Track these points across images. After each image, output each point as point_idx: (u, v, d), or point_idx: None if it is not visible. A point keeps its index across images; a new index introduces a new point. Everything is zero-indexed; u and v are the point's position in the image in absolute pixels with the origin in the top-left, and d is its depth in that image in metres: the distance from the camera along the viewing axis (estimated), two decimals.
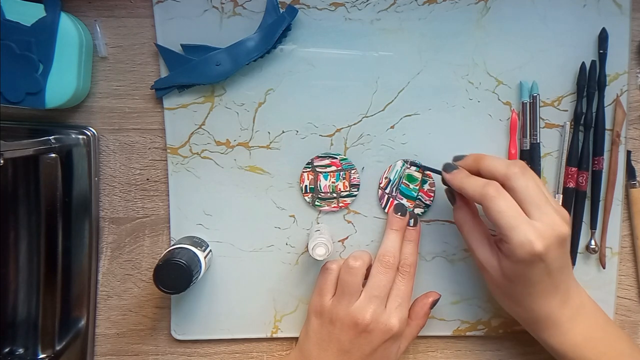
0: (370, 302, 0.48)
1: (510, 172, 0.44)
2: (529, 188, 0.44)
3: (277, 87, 0.52)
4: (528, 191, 0.44)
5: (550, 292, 0.45)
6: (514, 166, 0.45)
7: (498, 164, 0.45)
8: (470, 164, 0.48)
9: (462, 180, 0.47)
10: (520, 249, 0.43)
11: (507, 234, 0.43)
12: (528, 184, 0.44)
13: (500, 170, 0.45)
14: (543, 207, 0.43)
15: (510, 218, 0.43)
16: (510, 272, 0.45)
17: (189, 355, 0.56)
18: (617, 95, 0.53)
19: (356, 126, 0.53)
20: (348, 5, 0.52)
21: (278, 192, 0.53)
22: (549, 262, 0.43)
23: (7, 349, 0.51)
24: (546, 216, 0.43)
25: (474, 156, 0.48)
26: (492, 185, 0.44)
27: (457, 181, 0.47)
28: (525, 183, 0.44)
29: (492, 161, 0.46)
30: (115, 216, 0.54)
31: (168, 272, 0.46)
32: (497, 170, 0.45)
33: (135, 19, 0.52)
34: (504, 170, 0.45)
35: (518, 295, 0.47)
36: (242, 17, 0.51)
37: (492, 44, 0.52)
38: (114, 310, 0.55)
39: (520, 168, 0.45)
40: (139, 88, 0.52)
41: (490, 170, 0.46)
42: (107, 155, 0.53)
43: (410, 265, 0.50)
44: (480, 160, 0.47)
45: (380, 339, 0.48)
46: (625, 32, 0.53)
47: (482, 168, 0.46)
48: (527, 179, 0.44)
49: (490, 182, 0.44)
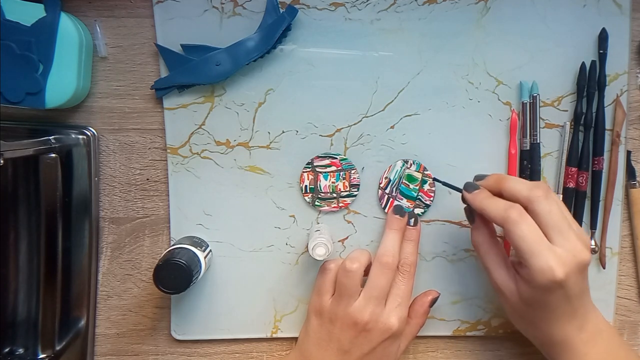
0: (369, 302, 0.48)
1: (533, 196, 0.44)
2: (551, 213, 0.43)
3: (277, 87, 0.52)
4: (551, 216, 0.43)
5: (569, 317, 0.45)
6: (537, 189, 0.44)
7: (521, 186, 0.45)
8: (491, 184, 0.47)
9: (483, 202, 0.46)
10: (540, 275, 0.42)
11: (528, 259, 0.42)
12: (551, 209, 0.43)
13: (523, 193, 0.44)
14: (565, 232, 0.43)
15: (531, 243, 0.42)
16: (529, 296, 0.45)
17: (189, 355, 0.56)
18: (617, 95, 0.53)
19: (356, 126, 0.53)
20: (348, 5, 0.52)
21: (278, 192, 0.53)
22: (569, 288, 0.43)
23: (7, 349, 0.51)
24: (568, 242, 0.43)
25: (496, 177, 0.47)
26: (515, 209, 0.43)
27: (478, 202, 0.46)
28: (548, 207, 0.43)
29: (515, 183, 0.45)
30: (115, 216, 0.54)
31: (168, 272, 0.46)
32: (519, 193, 0.44)
33: (135, 19, 0.52)
34: (526, 193, 0.44)
35: (535, 319, 0.46)
36: (242, 17, 0.51)
37: (492, 44, 0.52)
38: (114, 310, 0.55)
39: (543, 191, 0.44)
40: (139, 88, 0.52)
41: (512, 192, 0.45)
42: (107, 155, 0.53)
43: (411, 265, 0.50)
44: (503, 182, 0.46)
45: (379, 338, 0.48)
46: (625, 32, 0.53)
47: (504, 189, 0.46)
48: (550, 203, 0.43)
49: (513, 205, 0.44)
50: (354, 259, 0.49)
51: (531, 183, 0.45)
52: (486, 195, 0.46)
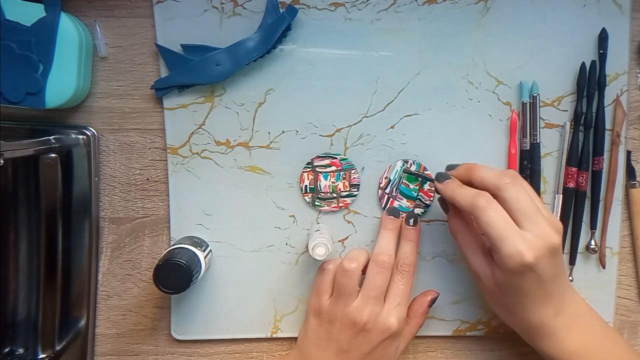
0: (367, 302, 0.48)
1: (501, 183, 0.44)
2: (519, 199, 0.44)
3: (277, 87, 0.52)
4: (519, 202, 0.44)
5: (543, 302, 0.45)
6: (505, 176, 0.45)
7: (489, 174, 0.45)
8: (462, 173, 0.48)
9: (454, 190, 0.46)
10: (510, 259, 0.43)
11: (497, 245, 0.43)
12: (519, 195, 0.44)
13: (491, 180, 0.45)
14: (534, 217, 0.43)
15: (500, 229, 0.43)
16: (502, 281, 0.45)
17: (189, 355, 0.56)
18: (617, 95, 0.53)
19: (356, 126, 0.53)
20: (348, 5, 0.52)
21: (278, 192, 0.53)
22: (540, 272, 0.43)
23: (7, 349, 0.51)
24: (537, 226, 0.43)
25: (466, 166, 0.48)
26: (483, 196, 0.44)
27: (449, 191, 0.47)
28: (516, 194, 0.44)
29: (484, 171, 0.46)
30: (115, 216, 0.54)
31: (168, 272, 0.46)
32: (488, 180, 0.45)
33: (135, 19, 0.52)
34: (495, 180, 0.45)
35: (511, 305, 0.47)
36: (242, 17, 0.51)
37: (492, 44, 0.52)
38: (114, 310, 0.55)
39: (511, 178, 0.45)
40: (139, 88, 0.52)
41: (481, 180, 0.46)
42: (107, 155, 0.53)
43: (410, 265, 0.50)
44: (472, 171, 0.47)
45: (378, 338, 0.48)
46: (625, 32, 0.53)
47: (473, 178, 0.46)
48: (518, 190, 0.44)
49: (481, 193, 0.44)
50: (352, 259, 0.49)
51: (500, 171, 0.46)
52: (456, 185, 0.47)
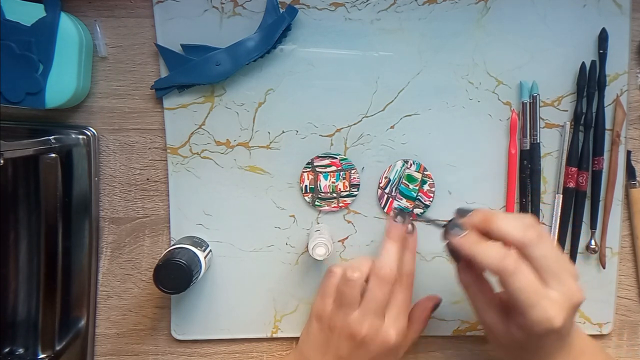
0: (366, 315, 0.47)
1: (526, 240, 0.41)
2: (547, 257, 0.41)
3: (277, 87, 0.52)
4: (546, 260, 0.41)
5: (559, 352, 0.44)
6: (530, 231, 0.42)
7: (512, 228, 0.42)
8: (478, 223, 0.44)
9: (473, 247, 0.43)
10: (538, 325, 0.41)
11: (526, 310, 0.41)
12: (546, 252, 0.41)
13: (515, 236, 0.42)
14: (561, 275, 0.41)
15: (529, 294, 0.41)
16: (521, 340, 0.43)
17: (189, 355, 0.56)
18: (617, 95, 0.53)
19: (356, 126, 0.53)
20: (348, 5, 0.52)
21: (278, 192, 0.53)
22: (564, 331, 0.42)
23: (7, 349, 0.51)
24: (564, 285, 0.41)
25: (482, 215, 0.44)
26: (510, 258, 0.41)
27: (467, 248, 0.43)
28: (543, 252, 0.41)
29: (505, 224, 0.42)
30: (115, 216, 0.54)
31: (168, 272, 0.46)
32: (512, 235, 0.42)
33: (135, 19, 0.52)
34: (519, 237, 0.42)
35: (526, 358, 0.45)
36: (242, 17, 0.51)
37: (492, 44, 0.52)
38: (114, 310, 0.55)
39: (537, 233, 0.42)
40: (139, 88, 0.52)
41: (503, 234, 0.42)
42: (107, 155, 0.53)
43: (409, 275, 0.49)
44: (491, 221, 0.43)
45: (377, 350, 0.47)
46: (625, 32, 0.53)
47: (493, 230, 0.43)
48: (545, 246, 0.42)
49: (508, 254, 0.41)
50: (355, 268, 0.47)
51: (521, 222, 0.43)
52: (475, 240, 0.43)
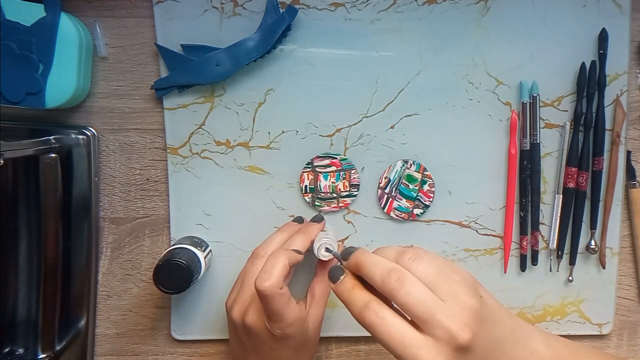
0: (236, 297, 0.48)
1: (387, 289, 0.37)
2: (409, 305, 0.36)
3: (277, 87, 0.52)
4: (411, 307, 0.36)
5: None
6: (389, 277, 0.37)
7: (374, 275, 0.37)
8: (352, 268, 0.40)
9: (344, 295, 0.39)
10: None
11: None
12: (409, 299, 0.36)
13: (378, 286, 0.37)
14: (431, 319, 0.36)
15: (395, 345, 0.36)
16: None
17: (189, 355, 0.56)
18: (617, 96, 0.53)
19: (356, 126, 0.53)
20: (348, 5, 0.52)
21: (278, 192, 0.53)
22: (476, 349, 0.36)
23: (7, 349, 0.51)
24: (437, 329, 0.36)
25: (355, 259, 0.39)
26: (369, 310, 0.37)
27: (340, 295, 0.39)
28: (404, 300, 0.36)
29: (370, 270, 0.38)
30: (115, 216, 0.54)
31: (168, 272, 0.46)
32: (375, 285, 0.37)
33: (135, 19, 0.52)
34: (380, 286, 0.37)
35: None
36: (242, 17, 0.51)
37: (492, 44, 0.52)
38: (114, 310, 0.55)
39: (396, 279, 0.36)
40: (139, 88, 0.52)
41: (370, 280, 0.38)
42: (107, 155, 0.53)
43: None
44: (360, 267, 0.39)
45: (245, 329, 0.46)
46: (625, 32, 0.53)
47: (363, 276, 0.39)
48: (406, 293, 0.36)
49: (367, 306, 0.37)
50: None
51: (384, 267, 0.37)
52: (348, 287, 0.39)
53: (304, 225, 0.51)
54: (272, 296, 0.42)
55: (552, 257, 0.55)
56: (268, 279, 0.42)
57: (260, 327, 0.44)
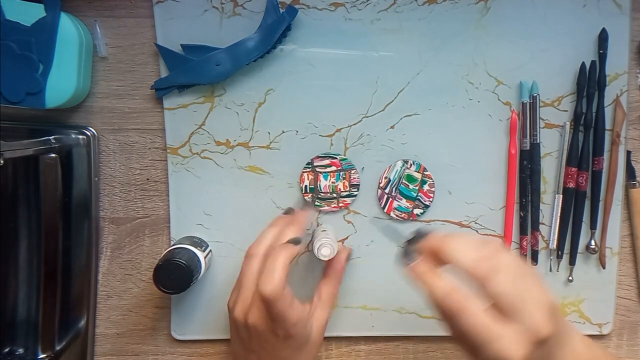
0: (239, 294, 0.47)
1: (479, 273, 0.37)
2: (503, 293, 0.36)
3: (277, 87, 0.52)
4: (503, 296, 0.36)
5: None
6: (484, 263, 0.37)
7: (464, 260, 0.38)
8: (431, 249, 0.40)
9: (422, 277, 0.39)
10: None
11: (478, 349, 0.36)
12: (501, 288, 0.36)
13: (467, 269, 0.37)
14: (519, 309, 0.36)
15: (478, 335, 0.36)
16: None
17: (189, 355, 0.56)
18: (617, 96, 0.53)
19: (356, 126, 0.53)
20: (348, 5, 0.52)
21: (278, 192, 0.53)
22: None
23: (7, 349, 0.51)
24: (523, 320, 0.36)
25: (435, 241, 0.40)
26: (454, 297, 0.37)
27: (416, 277, 0.40)
28: (499, 287, 0.36)
29: (456, 254, 0.38)
30: (115, 216, 0.54)
31: (168, 272, 0.46)
32: (463, 267, 0.37)
33: (135, 19, 0.52)
34: (471, 269, 0.37)
35: None
36: (242, 17, 0.51)
37: (492, 44, 0.52)
38: (114, 310, 0.55)
39: (491, 266, 0.37)
40: (139, 88, 0.52)
41: (455, 264, 0.38)
42: (107, 155, 0.53)
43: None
44: (442, 250, 0.39)
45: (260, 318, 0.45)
46: (625, 32, 0.53)
47: (445, 260, 0.39)
48: (499, 280, 0.36)
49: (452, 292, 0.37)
50: None
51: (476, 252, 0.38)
52: (423, 271, 0.39)
53: (294, 216, 0.50)
54: (275, 299, 0.42)
55: (552, 257, 0.55)
56: (270, 282, 0.42)
57: (263, 327, 0.44)
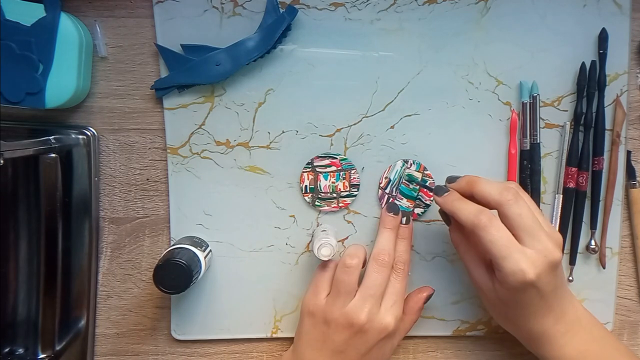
0: (365, 301, 0.48)
1: (503, 199, 0.44)
2: (521, 215, 0.44)
3: (277, 87, 0.52)
4: (521, 218, 0.44)
5: (544, 312, 0.46)
6: (507, 192, 0.45)
7: (491, 189, 0.45)
8: (463, 187, 0.47)
9: (454, 204, 0.46)
10: (512, 277, 0.43)
11: (499, 262, 0.43)
12: (521, 211, 0.44)
13: (493, 196, 0.45)
14: (536, 233, 0.44)
15: (501, 247, 0.43)
16: (504, 295, 0.46)
17: (189, 355, 0.56)
18: (617, 95, 0.53)
19: (356, 126, 0.53)
20: (348, 5, 0.52)
21: (278, 192, 0.53)
22: (541, 287, 0.44)
23: (7, 349, 0.51)
24: (539, 243, 0.44)
25: (467, 179, 0.47)
26: (484, 214, 0.44)
27: (449, 205, 0.47)
28: (518, 210, 0.44)
29: (485, 186, 0.46)
30: (115, 216, 0.54)
31: (168, 272, 0.46)
32: (490, 196, 0.45)
33: (135, 19, 0.52)
34: (497, 196, 0.45)
35: (512, 316, 0.48)
36: (242, 17, 0.51)
37: (492, 44, 0.52)
38: (114, 310, 0.55)
39: (513, 194, 0.44)
40: (139, 88, 0.52)
41: (483, 195, 0.46)
42: (107, 155, 0.53)
43: (404, 263, 0.50)
44: (474, 185, 0.46)
45: (375, 338, 0.48)
46: (625, 32, 0.53)
47: (475, 193, 0.46)
48: (520, 206, 0.44)
49: (482, 210, 0.44)
50: (352, 255, 0.49)
51: (501, 185, 0.45)
52: (456, 198, 0.47)
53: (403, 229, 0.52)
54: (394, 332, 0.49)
55: None
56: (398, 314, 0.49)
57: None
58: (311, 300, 0.50)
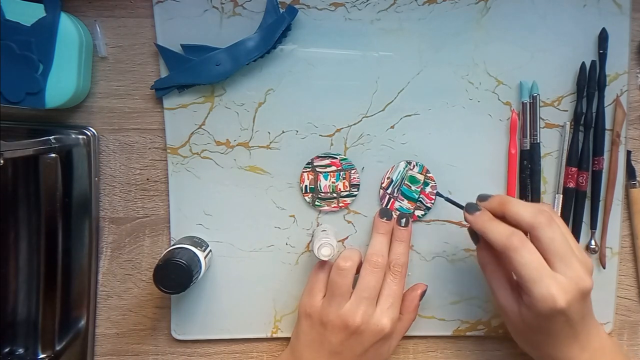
0: (360, 303, 0.48)
1: (536, 222, 0.43)
2: (554, 240, 0.43)
3: (277, 87, 0.52)
4: (554, 243, 0.43)
5: (571, 341, 0.45)
6: (540, 215, 0.44)
7: (524, 211, 0.44)
8: (494, 206, 0.46)
9: (485, 225, 0.45)
10: (541, 302, 0.42)
11: (529, 286, 0.42)
12: (554, 236, 0.43)
13: (526, 219, 0.44)
14: (568, 259, 0.43)
15: (532, 271, 0.42)
16: (530, 320, 0.45)
17: (189, 355, 0.56)
18: (617, 95, 0.53)
19: (356, 126, 0.53)
20: (348, 5, 0.52)
21: (278, 192, 0.53)
22: (571, 315, 0.43)
23: (7, 349, 0.51)
24: (570, 269, 0.43)
25: (499, 199, 0.47)
26: (517, 236, 0.43)
27: (480, 225, 0.46)
28: (551, 234, 0.43)
29: (518, 208, 0.45)
30: (115, 216, 0.54)
31: (168, 272, 0.46)
32: (523, 218, 0.44)
33: (135, 19, 0.52)
34: (530, 219, 0.44)
35: (536, 341, 0.47)
36: (242, 17, 0.51)
37: (492, 44, 0.52)
38: (114, 310, 0.55)
39: (546, 218, 0.44)
40: (139, 88, 0.52)
41: (515, 217, 0.45)
42: (107, 155, 0.53)
43: (402, 266, 0.50)
44: (506, 205, 0.45)
45: (371, 340, 0.48)
46: (625, 32, 0.53)
47: (507, 214, 0.45)
48: (553, 230, 0.43)
49: (515, 232, 0.44)
50: (346, 258, 0.49)
51: (535, 207, 0.45)
52: (488, 218, 0.46)
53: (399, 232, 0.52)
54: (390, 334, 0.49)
55: None
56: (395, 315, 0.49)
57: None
58: (307, 302, 0.50)
